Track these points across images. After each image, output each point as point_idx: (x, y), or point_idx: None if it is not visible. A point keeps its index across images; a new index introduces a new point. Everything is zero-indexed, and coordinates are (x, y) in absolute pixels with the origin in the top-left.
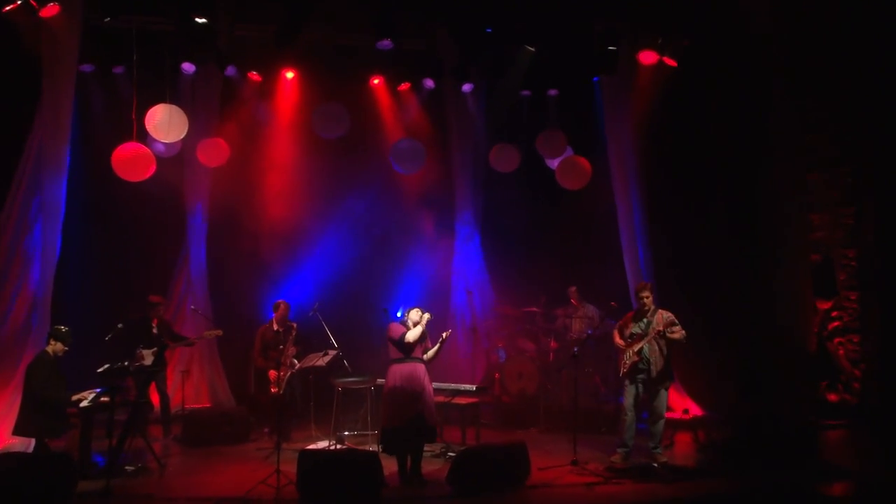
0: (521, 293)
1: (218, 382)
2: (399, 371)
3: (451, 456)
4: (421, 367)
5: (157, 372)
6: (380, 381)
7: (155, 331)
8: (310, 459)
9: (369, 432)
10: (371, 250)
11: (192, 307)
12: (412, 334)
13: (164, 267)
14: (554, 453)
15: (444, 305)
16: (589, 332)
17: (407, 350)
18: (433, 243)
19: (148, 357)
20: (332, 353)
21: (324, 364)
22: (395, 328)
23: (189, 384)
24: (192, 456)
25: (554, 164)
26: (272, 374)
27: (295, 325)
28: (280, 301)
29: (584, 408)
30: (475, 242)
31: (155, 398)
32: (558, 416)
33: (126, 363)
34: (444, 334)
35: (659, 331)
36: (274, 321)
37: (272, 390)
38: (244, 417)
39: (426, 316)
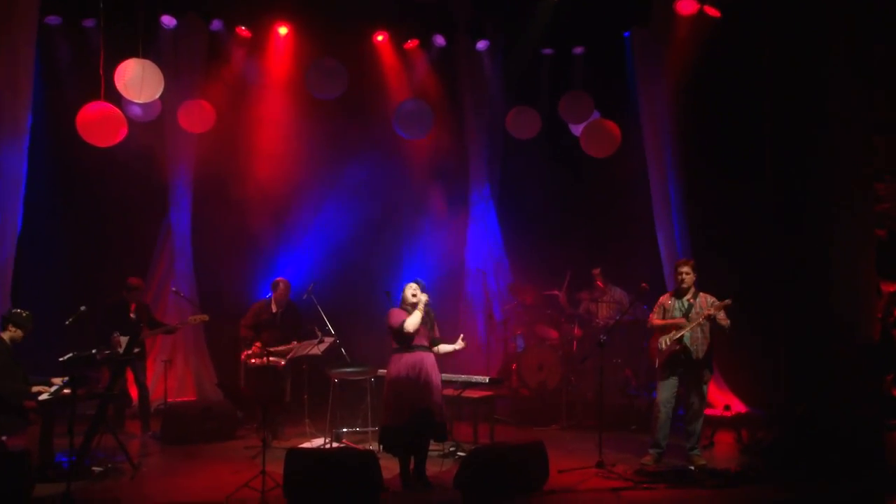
0: (542, 275)
1: (204, 374)
2: (402, 361)
3: (460, 456)
4: (428, 357)
5: (130, 361)
6: (381, 371)
7: (132, 315)
8: (298, 460)
9: (370, 429)
10: (373, 226)
11: (174, 289)
12: (411, 322)
13: (143, 244)
14: (577, 454)
15: (457, 288)
16: (617, 317)
17: (406, 340)
18: (444, 219)
19: (125, 344)
20: (328, 340)
21: (319, 353)
22: (395, 315)
23: (172, 375)
24: (171, 455)
25: (579, 129)
26: (256, 347)
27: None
28: (279, 279)
29: (611, 403)
30: (491, 218)
31: (133, 391)
32: (582, 412)
33: (94, 351)
34: (459, 341)
35: (708, 314)
36: (273, 301)
37: (252, 361)
38: (230, 412)
39: (423, 298)
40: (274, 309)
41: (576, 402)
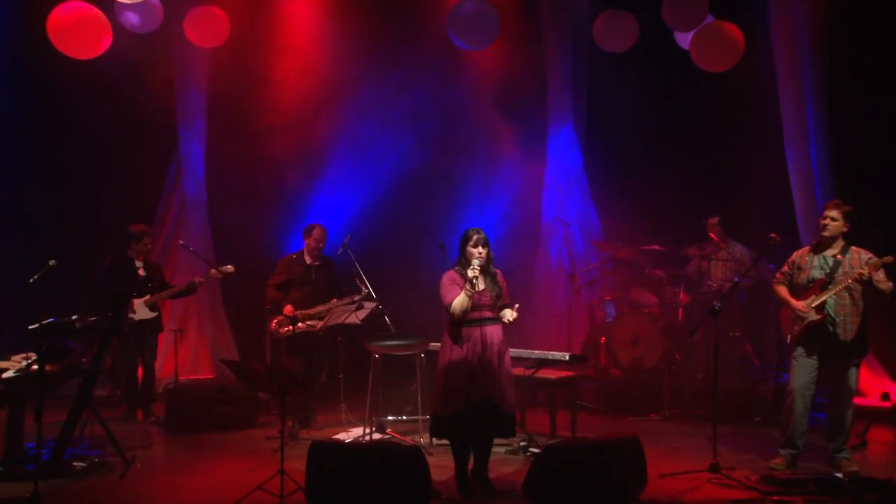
0: (638, 226)
1: (222, 345)
2: (459, 335)
3: (532, 454)
4: (493, 332)
5: (117, 330)
6: (434, 345)
7: (141, 272)
8: (324, 456)
9: (420, 417)
10: (426, 166)
11: (182, 243)
12: (458, 305)
13: (146, 188)
14: (683, 453)
15: (530, 243)
16: (736, 279)
17: (457, 319)
18: (514, 156)
19: (140, 310)
20: (368, 306)
21: (358, 321)
22: (445, 285)
23: (184, 348)
24: (174, 447)
25: (687, 38)
26: (288, 308)
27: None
28: (315, 225)
29: (727, 387)
30: (575, 155)
31: (139, 372)
32: (690, 398)
33: (75, 318)
34: (509, 312)
35: (860, 275)
36: (305, 252)
37: (283, 330)
38: (251, 393)
39: (476, 264)
40: (308, 261)
41: (681, 385)
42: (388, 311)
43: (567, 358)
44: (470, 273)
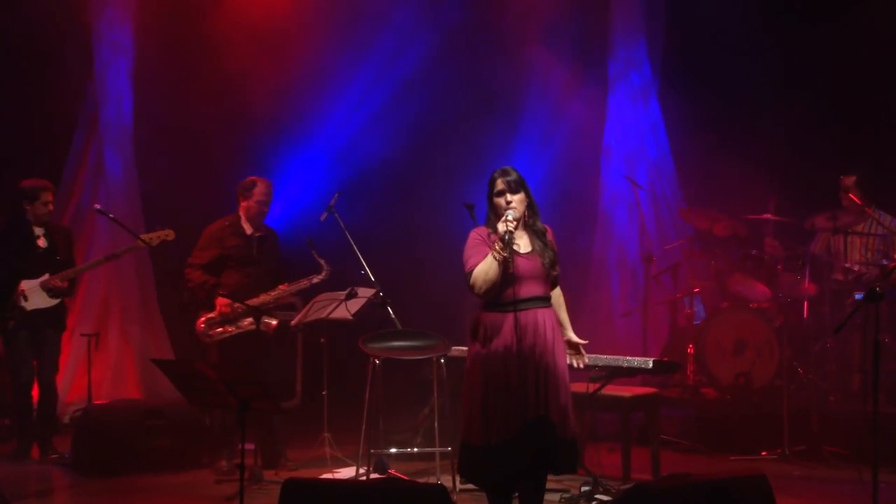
0: (740, 188)
1: (156, 354)
2: (493, 328)
3: (601, 502)
4: (545, 316)
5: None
6: (459, 349)
7: (41, 243)
8: (305, 501)
9: (438, 449)
10: (439, 109)
11: (98, 207)
12: (480, 274)
13: (52, 136)
14: None
15: (587, 216)
16: (885, 261)
17: (488, 295)
18: (564, 99)
19: (35, 295)
20: (364, 293)
21: (349, 316)
22: (472, 244)
23: (101, 360)
24: (85, 495)
25: None
26: (221, 301)
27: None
28: (256, 179)
29: (879, 415)
30: (650, 100)
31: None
32: (820, 430)
33: None
34: (571, 337)
35: None
36: (243, 217)
37: (213, 333)
38: (195, 418)
39: (508, 222)
40: (248, 230)
41: (808, 411)
42: (393, 300)
43: (650, 365)
44: (501, 227)
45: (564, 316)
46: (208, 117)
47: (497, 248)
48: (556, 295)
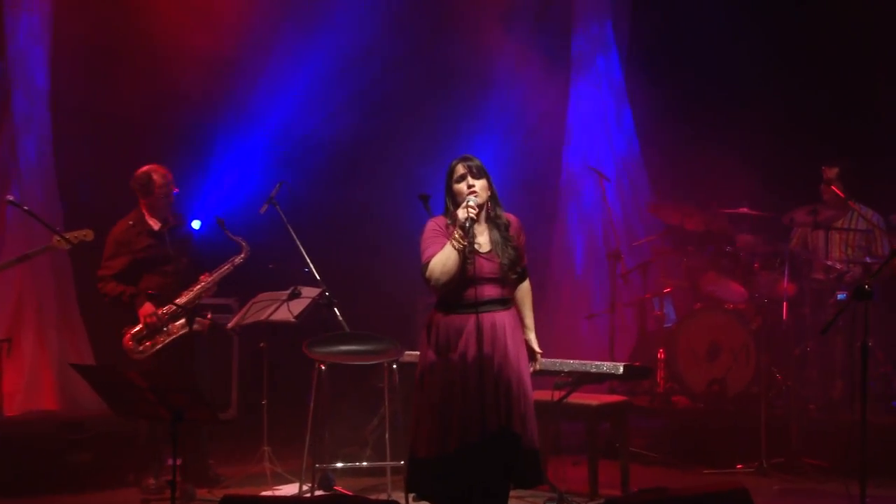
0: (712, 182)
1: (76, 361)
2: (449, 331)
3: None
4: (504, 319)
5: None
6: (412, 354)
7: None
8: None
9: (388, 463)
10: (392, 91)
11: (11, 199)
12: (437, 265)
13: None
14: None
15: (546, 206)
16: (867, 258)
17: (445, 290)
18: (523, 83)
19: None
20: (308, 293)
21: (292, 318)
22: (429, 234)
23: (12, 369)
24: None
25: None
26: (145, 310)
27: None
28: (150, 168)
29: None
30: (617, 86)
31: None
32: (800, 441)
33: None
34: (535, 350)
35: None
36: (146, 213)
37: (142, 348)
38: (117, 432)
39: (469, 208)
40: (156, 225)
41: (787, 420)
42: (340, 301)
43: (620, 371)
44: (461, 213)
45: (528, 315)
46: (135, 99)
47: (457, 236)
48: (523, 291)
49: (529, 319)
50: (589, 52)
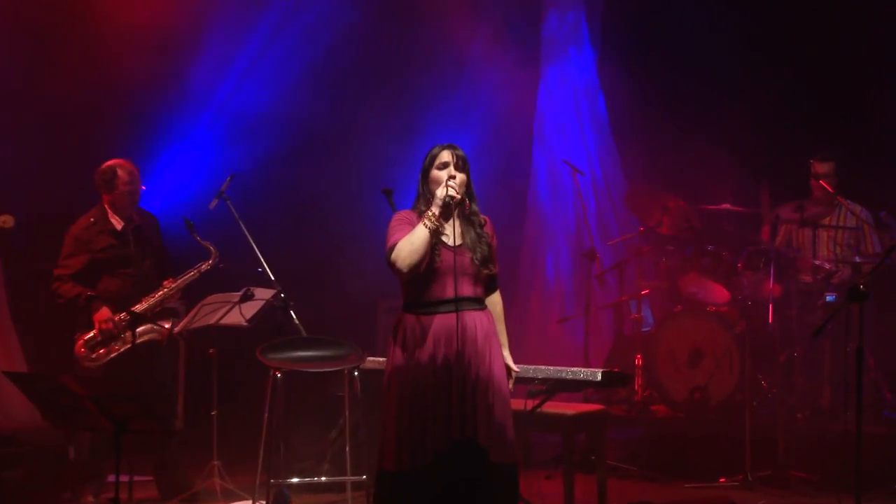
0: (693, 177)
1: (6, 367)
2: (417, 331)
3: None
4: (477, 319)
5: None
6: (375, 360)
7: None
8: None
9: (349, 478)
10: (351, 81)
11: None
12: (406, 246)
13: None
14: None
15: (516, 202)
16: (857, 258)
17: (411, 282)
18: (490, 71)
19: None
20: (262, 294)
21: (244, 321)
22: (393, 226)
23: None
24: None
25: None
26: (101, 315)
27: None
28: (115, 163)
29: (851, 434)
30: (589, 74)
31: None
32: (787, 452)
33: None
34: (507, 357)
35: None
36: (109, 210)
37: (94, 356)
38: (54, 447)
39: (446, 187)
40: (118, 224)
41: (774, 431)
42: (296, 302)
43: (598, 377)
44: (441, 191)
45: (502, 329)
46: (75, 81)
47: (430, 214)
48: (493, 303)
49: (503, 335)
50: (561, 40)
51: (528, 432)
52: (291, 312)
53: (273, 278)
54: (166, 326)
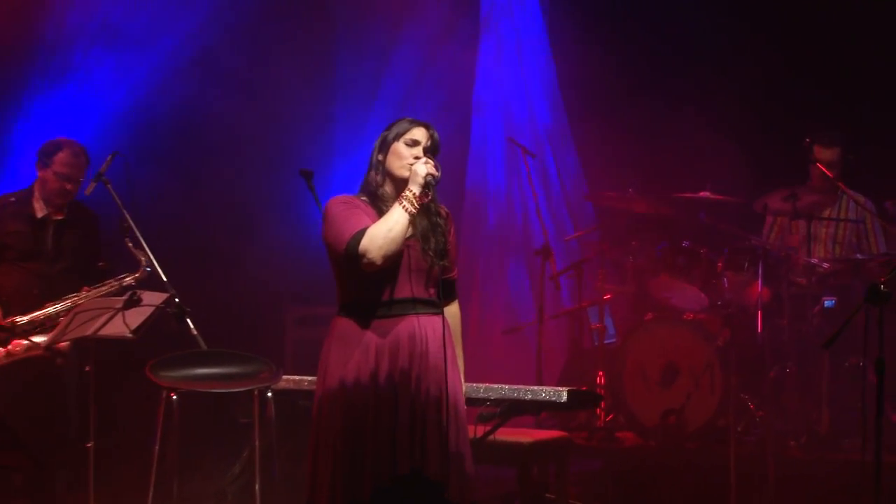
0: (663, 162)
1: None
2: (355, 341)
3: None
4: (428, 329)
5: None
6: (290, 378)
7: None
8: None
9: None
10: (269, 47)
11: None
12: (385, 227)
13: None
14: None
15: (453, 191)
16: (858, 255)
17: (364, 282)
18: (426, 37)
19: None
20: (151, 299)
21: (129, 332)
22: (339, 211)
23: None
24: None
25: None
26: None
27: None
28: (60, 141)
29: (852, 464)
30: (540, 43)
31: None
32: (778, 486)
33: None
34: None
35: None
36: (36, 193)
37: None
38: None
39: (429, 164)
40: (40, 211)
41: (763, 461)
42: (194, 307)
43: (564, 398)
44: (421, 168)
45: (458, 346)
46: None
47: (412, 192)
48: (451, 314)
49: (460, 358)
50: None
51: (476, 464)
52: (188, 321)
53: (165, 279)
54: (38, 342)
